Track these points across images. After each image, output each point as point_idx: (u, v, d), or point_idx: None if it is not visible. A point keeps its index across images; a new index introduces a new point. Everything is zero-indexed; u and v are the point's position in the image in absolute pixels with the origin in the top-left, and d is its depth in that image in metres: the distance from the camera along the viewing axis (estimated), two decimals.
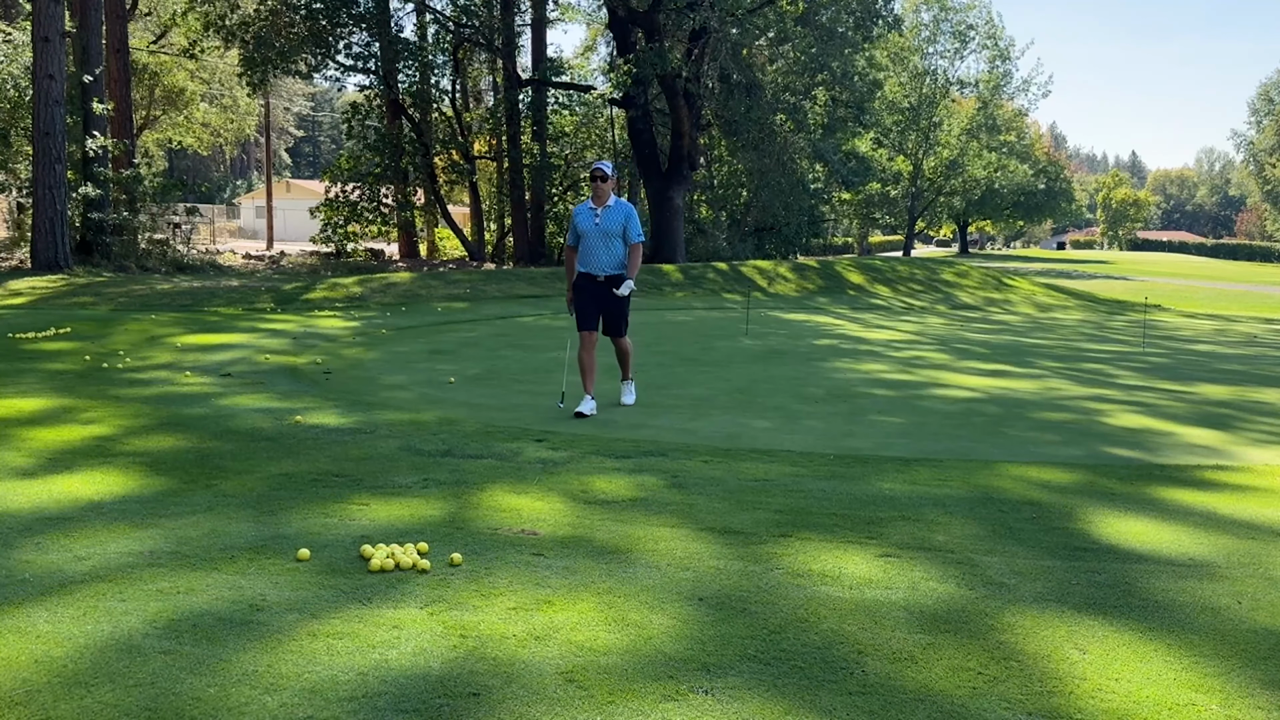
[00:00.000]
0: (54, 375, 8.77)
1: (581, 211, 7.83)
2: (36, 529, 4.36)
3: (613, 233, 7.66)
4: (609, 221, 7.67)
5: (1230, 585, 4.01)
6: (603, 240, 7.65)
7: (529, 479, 5.43)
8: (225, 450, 5.97)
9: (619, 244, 7.70)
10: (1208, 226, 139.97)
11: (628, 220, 7.71)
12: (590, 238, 7.69)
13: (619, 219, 7.69)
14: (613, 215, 7.69)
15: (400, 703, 2.84)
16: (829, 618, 3.55)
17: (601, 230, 7.64)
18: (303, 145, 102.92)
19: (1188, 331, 18.94)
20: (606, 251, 7.67)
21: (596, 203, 7.74)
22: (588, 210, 7.78)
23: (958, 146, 65.90)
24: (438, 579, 3.85)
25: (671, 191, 30.38)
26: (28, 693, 2.85)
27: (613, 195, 7.75)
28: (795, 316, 18.80)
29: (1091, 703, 2.96)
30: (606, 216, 7.67)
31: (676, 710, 2.84)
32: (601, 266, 7.68)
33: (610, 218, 7.68)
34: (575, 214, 7.88)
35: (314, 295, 18.35)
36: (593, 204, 7.77)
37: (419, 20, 33.84)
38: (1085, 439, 7.17)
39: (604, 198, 7.70)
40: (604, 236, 7.64)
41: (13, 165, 23.40)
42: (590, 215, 7.72)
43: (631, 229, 7.71)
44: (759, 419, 7.65)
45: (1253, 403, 9.21)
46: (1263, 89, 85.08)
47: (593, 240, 7.67)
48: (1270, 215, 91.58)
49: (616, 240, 7.69)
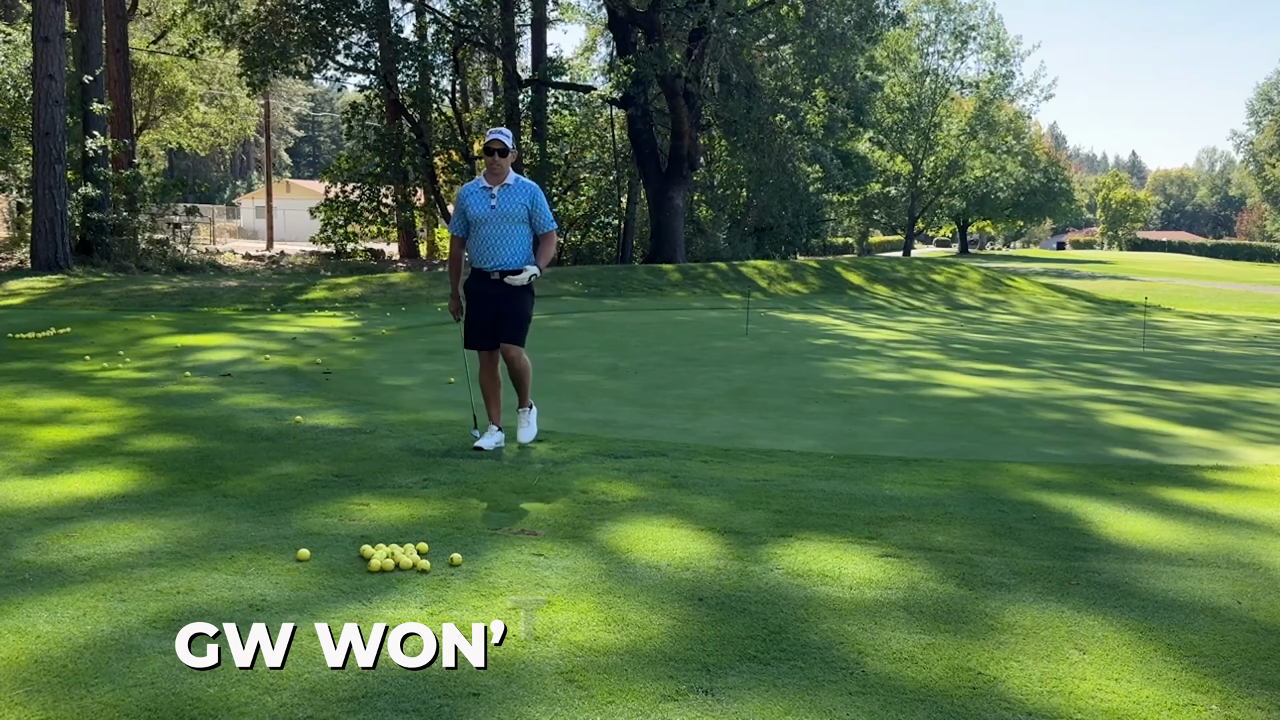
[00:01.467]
0: (54, 375, 8.77)
1: (471, 192, 6.21)
2: (36, 529, 4.36)
3: (514, 217, 6.12)
4: (509, 204, 6.11)
5: (1230, 585, 4.01)
6: (501, 228, 6.12)
7: (529, 479, 5.43)
8: (225, 450, 5.97)
9: (523, 232, 6.17)
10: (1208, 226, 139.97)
11: (534, 203, 6.17)
12: (485, 225, 6.13)
13: (522, 200, 6.14)
14: (514, 196, 6.13)
15: (400, 703, 2.84)
16: (829, 618, 3.55)
17: (500, 215, 6.09)
18: (303, 145, 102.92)
19: (1187, 332, 18.95)
20: (507, 242, 6.13)
21: (492, 180, 6.15)
22: (480, 190, 6.18)
23: (957, 147, 65.91)
24: (438, 579, 3.84)
25: (671, 191, 30.38)
26: (28, 693, 2.85)
27: (512, 172, 6.22)
28: (795, 316, 18.80)
29: (1091, 703, 2.96)
30: (506, 198, 6.12)
31: (676, 710, 2.84)
32: (501, 261, 6.12)
33: (510, 199, 6.12)
34: (463, 195, 6.25)
35: (314, 295, 18.35)
36: (486, 181, 6.18)
37: (419, 20, 33.85)
38: (1085, 439, 7.16)
39: (502, 175, 6.14)
40: (503, 223, 6.11)
41: (13, 165, 23.39)
42: (484, 197, 6.14)
43: (541, 214, 6.21)
44: (759, 419, 7.65)
45: (1252, 403, 9.21)
46: (1262, 89, 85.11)
47: (489, 228, 6.12)
48: (1270, 215, 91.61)
49: (520, 228, 6.15)
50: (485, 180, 6.20)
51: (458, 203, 6.27)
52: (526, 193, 6.17)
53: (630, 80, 28.18)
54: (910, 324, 18.31)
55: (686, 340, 13.63)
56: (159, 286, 18.35)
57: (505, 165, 6.15)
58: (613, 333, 14.41)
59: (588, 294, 21.00)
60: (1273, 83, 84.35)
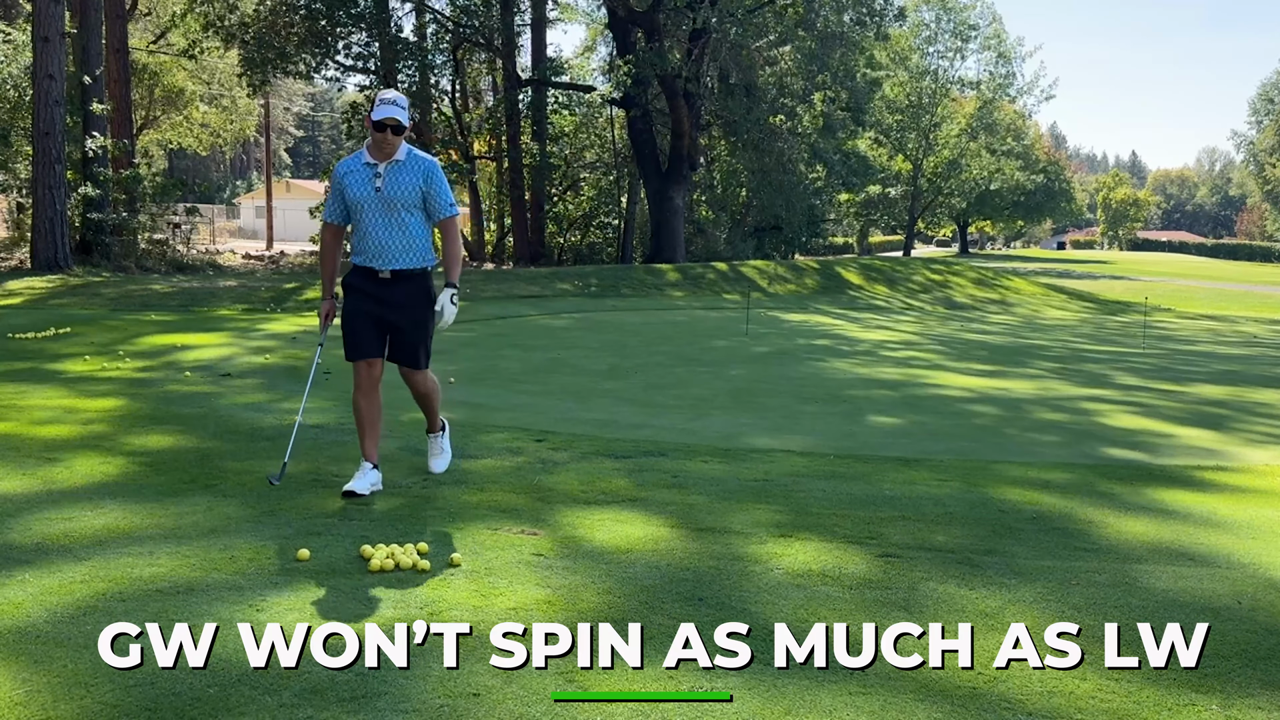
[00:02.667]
0: (53, 375, 8.77)
1: (351, 170, 5.03)
2: (36, 528, 4.36)
3: (405, 202, 4.99)
4: (398, 185, 4.97)
5: (1230, 585, 4.01)
6: (389, 216, 4.98)
7: (529, 479, 5.43)
8: (225, 450, 5.97)
9: (417, 221, 5.04)
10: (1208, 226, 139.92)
11: (428, 182, 5.02)
12: (368, 212, 4.98)
13: (414, 181, 4.99)
14: (404, 176, 4.98)
15: (400, 703, 2.84)
16: (829, 618, 3.55)
17: (386, 200, 4.96)
18: (303, 145, 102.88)
19: (1187, 332, 18.94)
20: (397, 235, 5.01)
21: (378, 156, 4.96)
22: (362, 168, 5.00)
23: (958, 147, 65.89)
24: (438, 579, 3.84)
25: (671, 191, 30.39)
26: (28, 693, 2.85)
27: (405, 145, 5.03)
28: (795, 317, 18.80)
29: (1091, 703, 2.96)
30: (394, 178, 4.96)
31: (676, 710, 2.84)
32: (392, 259, 5.01)
33: (400, 180, 4.97)
34: (339, 174, 5.07)
35: (314, 295, 18.34)
36: (370, 157, 4.98)
37: (418, 20, 33.85)
38: (1085, 439, 7.16)
39: (391, 150, 4.96)
40: (391, 210, 4.98)
41: (13, 165, 23.39)
42: (366, 176, 4.98)
43: (439, 196, 5.06)
44: (759, 419, 7.65)
45: (1252, 403, 9.21)
46: (1263, 89, 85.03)
47: (372, 216, 4.98)
48: (1270, 215, 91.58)
49: (413, 216, 5.02)
50: (369, 155, 5.00)
51: (333, 182, 5.09)
52: (420, 170, 4.99)
53: (630, 80, 28.18)
54: (910, 324, 18.31)
55: (686, 340, 13.63)
56: (158, 286, 18.35)
57: (397, 143, 4.98)
58: (613, 333, 14.41)
59: (588, 294, 21.00)
60: (1273, 82, 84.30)
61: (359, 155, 5.06)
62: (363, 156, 5.04)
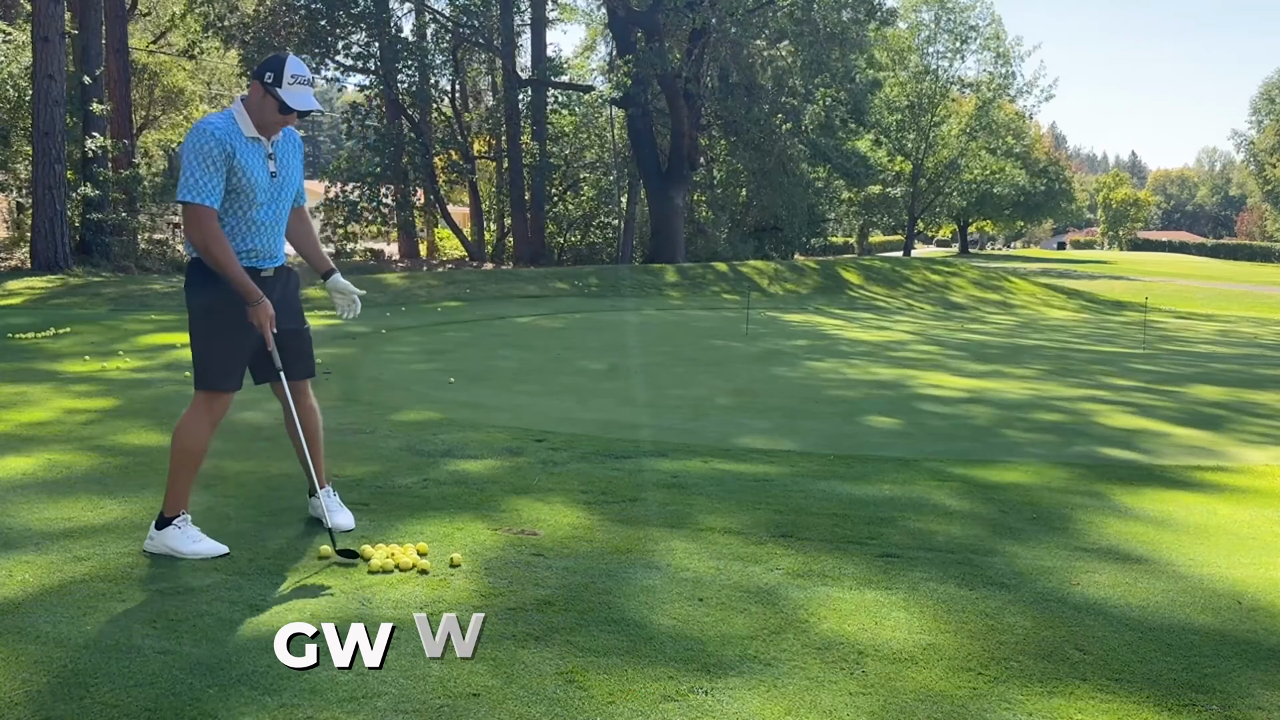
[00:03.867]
0: (53, 376, 8.77)
1: (237, 140, 4.00)
2: (36, 529, 4.36)
3: (292, 191, 4.27)
4: (291, 170, 4.24)
5: (1229, 585, 4.01)
6: (277, 206, 4.18)
7: (529, 479, 5.43)
8: (225, 450, 5.97)
9: (288, 207, 4.27)
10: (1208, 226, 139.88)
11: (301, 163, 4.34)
12: (260, 199, 4.09)
13: (300, 164, 4.31)
14: (294, 159, 4.26)
15: (400, 703, 2.84)
16: (829, 618, 3.55)
17: (279, 187, 4.17)
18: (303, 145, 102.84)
19: (1187, 333, 18.95)
20: (280, 226, 4.24)
21: (263, 131, 4.07)
22: (250, 143, 4.05)
23: (958, 147, 65.88)
24: (438, 579, 3.84)
25: (671, 191, 30.40)
26: (28, 693, 2.85)
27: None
28: (795, 317, 18.80)
29: (1091, 703, 2.96)
30: (285, 160, 4.21)
31: (676, 710, 2.84)
32: (276, 254, 4.24)
33: (291, 164, 4.25)
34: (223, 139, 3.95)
35: (313, 295, 18.33)
36: (253, 131, 4.05)
37: (418, 20, 33.87)
38: (1085, 439, 7.16)
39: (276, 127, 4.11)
40: (278, 200, 4.18)
41: (13, 165, 23.41)
42: (259, 155, 4.08)
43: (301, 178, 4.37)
44: (759, 419, 7.65)
45: (1251, 403, 9.21)
46: (1264, 88, 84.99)
47: (264, 204, 4.12)
48: (1270, 215, 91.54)
49: (288, 203, 4.27)
50: (250, 127, 4.05)
51: (204, 153, 3.91)
52: (300, 149, 4.31)
53: (630, 80, 28.19)
54: (909, 324, 18.31)
55: (686, 340, 13.63)
56: (158, 286, 18.34)
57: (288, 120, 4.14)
58: (613, 333, 14.41)
59: (587, 294, 21.00)
60: (1274, 82, 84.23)
61: (232, 122, 4.02)
62: (237, 125, 4.03)
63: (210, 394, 4.14)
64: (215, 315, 4.07)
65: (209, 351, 4.12)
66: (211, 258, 3.96)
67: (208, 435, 4.19)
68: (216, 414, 4.19)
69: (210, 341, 4.11)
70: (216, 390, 4.14)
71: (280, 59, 4.06)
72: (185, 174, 3.93)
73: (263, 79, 4.01)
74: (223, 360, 4.12)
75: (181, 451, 4.15)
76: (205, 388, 4.14)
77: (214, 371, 4.12)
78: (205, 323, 4.11)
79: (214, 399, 4.15)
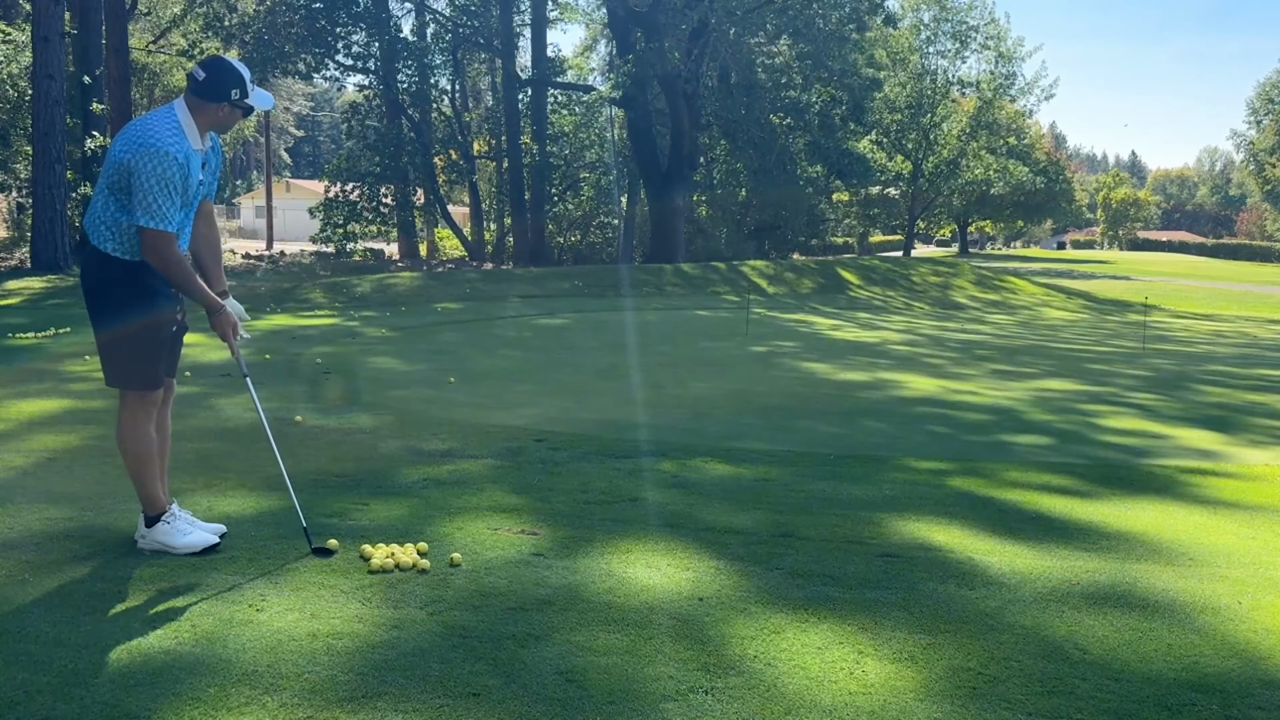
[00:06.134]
0: (53, 375, 8.77)
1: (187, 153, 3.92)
2: (36, 529, 4.36)
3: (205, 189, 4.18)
4: (214, 175, 4.23)
5: (1230, 585, 4.01)
6: (193, 206, 4.13)
7: (529, 479, 5.43)
8: (225, 450, 5.97)
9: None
10: (1208, 226, 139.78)
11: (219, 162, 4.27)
12: (190, 206, 4.09)
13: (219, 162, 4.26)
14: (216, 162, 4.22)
15: (400, 703, 2.84)
16: (829, 618, 3.55)
17: (202, 189, 4.14)
18: (303, 145, 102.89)
19: (1187, 333, 18.95)
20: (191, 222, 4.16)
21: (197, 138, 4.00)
22: (194, 154, 3.98)
23: (958, 147, 65.86)
24: (438, 579, 3.84)
25: (671, 191, 30.40)
26: (28, 693, 2.85)
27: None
28: (794, 317, 18.81)
29: (1091, 702, 2.96)
30: (212, 165, 4.18)
31: (676, 710, 2.84)
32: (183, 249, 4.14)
33: (216, 167, 4.22)
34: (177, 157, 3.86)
35: (313, 295, 18.35)
36: (199, 143, 4.00)
37: (418, 20, 33.87)
38: (1084, 440, 7.16)
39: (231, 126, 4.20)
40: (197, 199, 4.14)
41: (13, 165, 23.42)
42: (198, 161, 4.02)
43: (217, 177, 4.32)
44: (759, 419, 7.65)
45: (1251, 404, 9.21)
46: (1262, 88, 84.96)
47: (188, 207, 4.07)
48: (1270, 215, 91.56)
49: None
50: (194, 135, 3.98)
51: (167, 180, 3.84)
52: (218, 151, 4.24)
53: (630, 80, 28.19)
54: (909, 324, 18.31)
55: (686, 340, 13.63)
56: None
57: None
58: (613, 333, 14.41)
59: (588, 294, 21.00)
60: (1273, 82, 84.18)
61: (181, 136, 3.90)
62: (186, 140, 3.91)
63: (141, 394, 4.11)
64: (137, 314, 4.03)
65: (137, 352, 4.06)
66: (172, 278, 3.99)
67: (150, 430, 4.13)
68: (151, 409, 4.14)
69: (137, 341, 4.05)
70: (147, 390, 4.11)
71: (234, 70, 4.00)
72: (147, 198, 3.83)
73: (231, 99, 3.98)
74: (150, 359, 4.10)
75: (133, 458, 4.11)
76: (136, 389, 4.10)
77: (141, 373, 4.09)
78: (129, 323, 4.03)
79: (145, 397, 4.12)
